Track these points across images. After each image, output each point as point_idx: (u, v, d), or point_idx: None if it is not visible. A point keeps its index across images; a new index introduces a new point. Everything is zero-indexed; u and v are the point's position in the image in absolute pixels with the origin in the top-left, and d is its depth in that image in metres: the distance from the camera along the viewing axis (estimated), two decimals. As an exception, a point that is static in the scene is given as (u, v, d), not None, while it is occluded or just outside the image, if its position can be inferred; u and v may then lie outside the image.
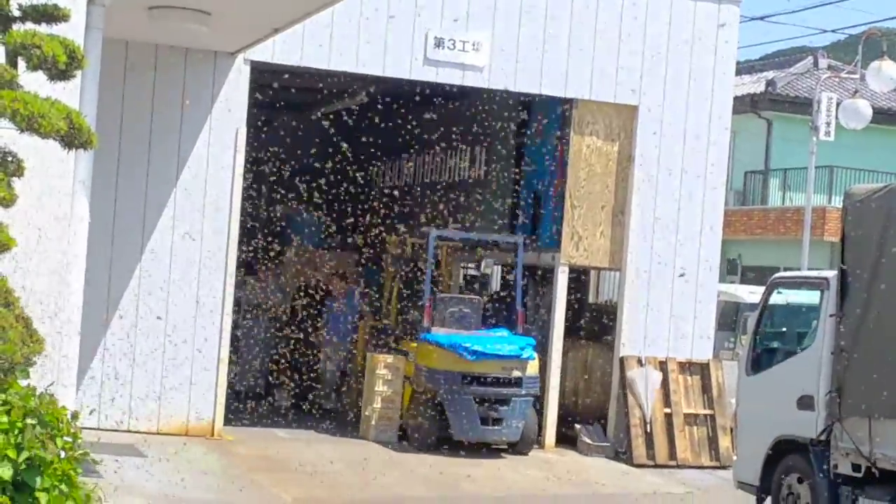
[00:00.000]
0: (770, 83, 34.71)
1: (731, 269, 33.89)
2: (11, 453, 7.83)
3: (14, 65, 8.61)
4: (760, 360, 13.40)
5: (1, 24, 8.71)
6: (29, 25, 8.73)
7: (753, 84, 35.46)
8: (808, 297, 13.39)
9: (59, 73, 8.61)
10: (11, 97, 8.26)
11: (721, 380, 17.27)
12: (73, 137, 8.56)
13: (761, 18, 40.12)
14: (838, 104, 26.31)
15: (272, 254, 20.39)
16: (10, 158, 8.62)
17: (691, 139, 17.43)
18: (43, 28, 8.72)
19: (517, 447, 16.39)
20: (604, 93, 17.08)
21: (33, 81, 8.69)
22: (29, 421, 7.95)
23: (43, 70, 8.56)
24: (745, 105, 32.64)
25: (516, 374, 16.16)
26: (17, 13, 8.77)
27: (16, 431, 7.91)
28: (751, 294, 22.00)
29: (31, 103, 8.27)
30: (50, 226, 9.29)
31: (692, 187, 17.42)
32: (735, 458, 13.83)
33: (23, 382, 8.30)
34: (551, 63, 16.78)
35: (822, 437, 12.10)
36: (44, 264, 9.21)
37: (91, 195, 10.41)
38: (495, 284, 20.52)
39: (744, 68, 35.22)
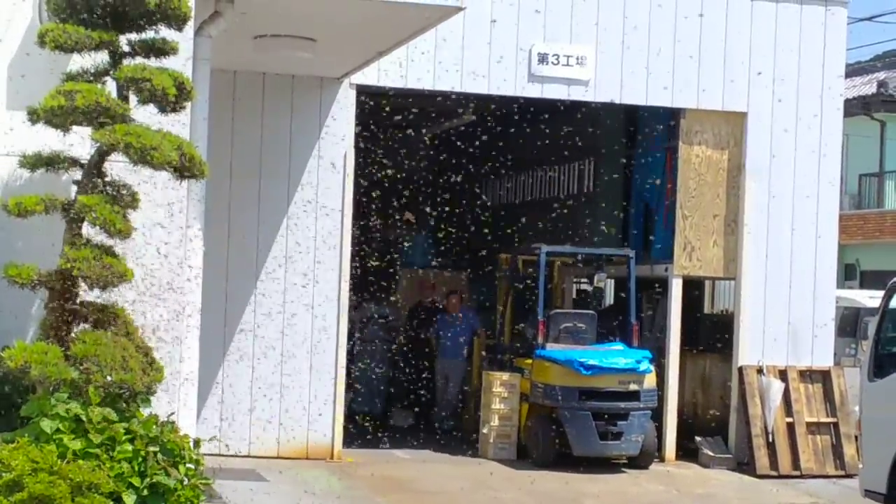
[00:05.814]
0: (882, 84, 34.09)
1: (849, 273, 33.33)
2: (135, 481, 7.97)
3: (125, 99, 8.78)
4: (883, 366, 13.13)
5: (112, 59, 8.88)
6: (139, 60, 8.89)
7: (865, 85, 34.86)
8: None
9: (170, 105, 8.76)
10: (124, 131, 8.41)
11: (843, 387, 16.96)
12: (184, 168, 8.70)
13: (869, 19, 39.48)
14: (953, 103, 25.83)
15: (385, 275, 20.45)
16: (124, 192, 8.78)
17: (802, 143, 17.17)
18: (152, 62, 8.88)
19: (637, 461, 16.24)
20: (711, 101, 16.90)
21: (145, 114, 8.85)
22: (151, 449, 8.08)
23: (153, 103, 8.72)
24: (857, 107, 32.09)
25: (633, 387, 16.02)
26: (126, 48, 8.93)
27: (139, 459, 8.05)
28: (870, 299, 21.61)
29: (144, 136, 8.42)
30: (166, 256, 9.42)
31: (805, 192, 17.15)
32: (861, 466, 13.57)
33: (145, 411, 8.44)
34: (657, 74, 16.64)
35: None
36: (161, 294, 9.33)
37: (205, 223, 10.57)
38: (609, 298, 20.40)
39: (854, 70, 34.63)
